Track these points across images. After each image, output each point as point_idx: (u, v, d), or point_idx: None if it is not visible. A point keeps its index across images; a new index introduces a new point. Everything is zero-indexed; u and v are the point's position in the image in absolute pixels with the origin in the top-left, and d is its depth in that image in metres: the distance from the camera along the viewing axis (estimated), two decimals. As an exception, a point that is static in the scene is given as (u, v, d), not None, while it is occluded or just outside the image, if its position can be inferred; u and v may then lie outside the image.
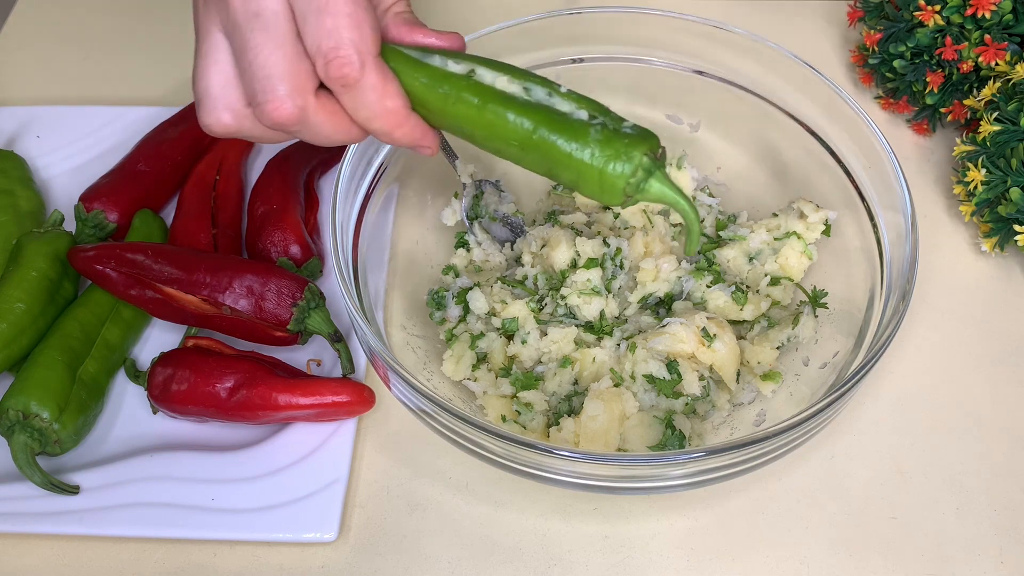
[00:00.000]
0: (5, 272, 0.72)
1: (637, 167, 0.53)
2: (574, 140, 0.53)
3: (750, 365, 0.70)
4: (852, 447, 0.70)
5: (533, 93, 0.54)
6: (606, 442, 0.65)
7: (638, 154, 0.53)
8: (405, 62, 0.54)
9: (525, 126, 0.53)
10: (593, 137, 0.52)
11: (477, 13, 0.97)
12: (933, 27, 0.80)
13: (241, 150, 0.85)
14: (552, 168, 0.54)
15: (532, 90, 0.54)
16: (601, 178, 0.53)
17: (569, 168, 0.53)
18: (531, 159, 0.55)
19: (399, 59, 0.54)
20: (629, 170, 0.53)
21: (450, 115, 0.54)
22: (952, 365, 0.74)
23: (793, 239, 0.73)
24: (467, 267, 0.76)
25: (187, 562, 0.65)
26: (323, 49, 0.50)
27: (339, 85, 0.51)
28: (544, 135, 0.53)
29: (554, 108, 0.53)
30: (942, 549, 0.65)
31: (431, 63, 0.54)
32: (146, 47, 0.98)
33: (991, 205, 0.76)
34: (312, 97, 0.52)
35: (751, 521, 0.67)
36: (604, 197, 0.54)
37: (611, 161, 0.52)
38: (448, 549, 0.66)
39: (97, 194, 0.79)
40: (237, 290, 0.69)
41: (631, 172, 0.53)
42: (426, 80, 0.54)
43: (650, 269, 0.72)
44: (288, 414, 0.67)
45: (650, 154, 0.53)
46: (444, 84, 0.54)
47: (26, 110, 0.89)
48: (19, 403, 0.65)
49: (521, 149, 0.54)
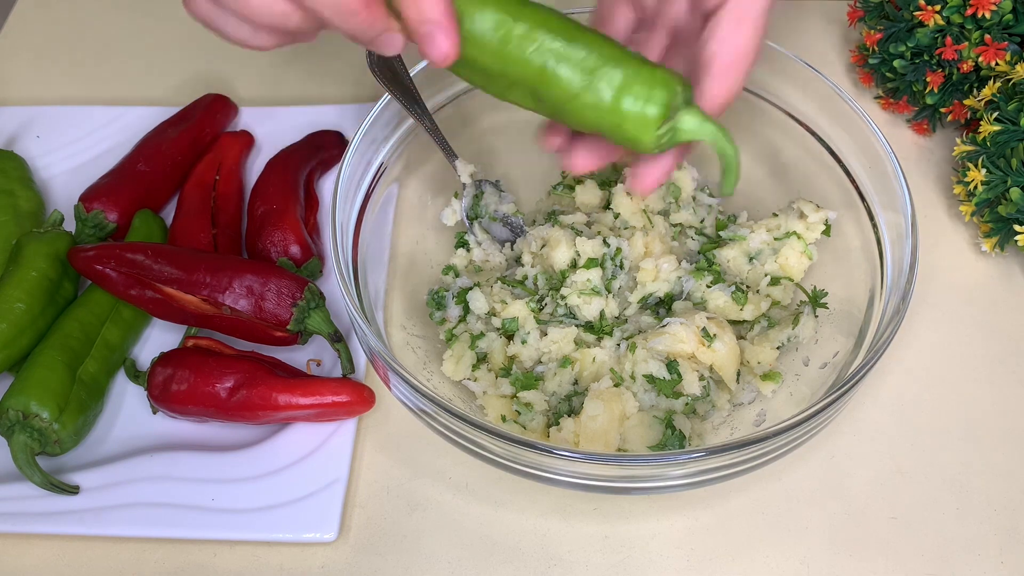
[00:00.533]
0: (5, 272, 0.72)
1: (670, 101, 0.52)
2: (602, 74, 0.51)
3: (750, 365, 0.70)
4: (852, 447, 0.70)
5: (555, 36, 0.52)
6: (606, 442, 0.65)
7: (674, 87, 0.52)
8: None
9: (548, 57, 0.51)
10: (623, 71, 0.51)
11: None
12: (933, 27, 0.80)
13: (241, 150, 0.85)
14: (574, 106, 0.52)
15: (552, 34, 0.52)
16: (629, 120, 0.52)
17: (594, 108, 0.52)
18: (548, 102, 0.53)
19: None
20: (663, 102, 0.52)
21: (471, 47, 0.51)
22: (952, 365, 0.74)
23: (793, 239, 0.73)
24: (467, 267, 0.76)
25: (187, 562, 0.65)
26: None
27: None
28: (565, 73, 0.52)
29: (576, 44, 0.52)
30: (942, 549, 0.65)
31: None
32: (146, 47, 0.98)
33: (991, 205, 0.76)
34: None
35: (751, 521, 0.67)
36: (634, 139, 0.53)
37: (641, 100, 0.51)
38: (448, 549, 0.66)
39: (97, 194, 0.79)
40: (237, 290, 0.69)
41: (665, 105, 0.52)
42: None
43: (650, 269, 0.72)
44: (288, 414, 0.67)
45: (682, 87, 0.52)
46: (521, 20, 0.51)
47: (26, 110, 0.90)
48: (19, 403, 0.65)
49: (538, 82, 0.52)
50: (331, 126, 0.87)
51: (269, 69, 0.95)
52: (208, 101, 0.87)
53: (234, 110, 0.88)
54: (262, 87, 0.94)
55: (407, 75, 0.74)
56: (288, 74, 0.95)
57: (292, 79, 0.95)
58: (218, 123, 0.86)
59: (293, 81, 0.95)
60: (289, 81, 0.95)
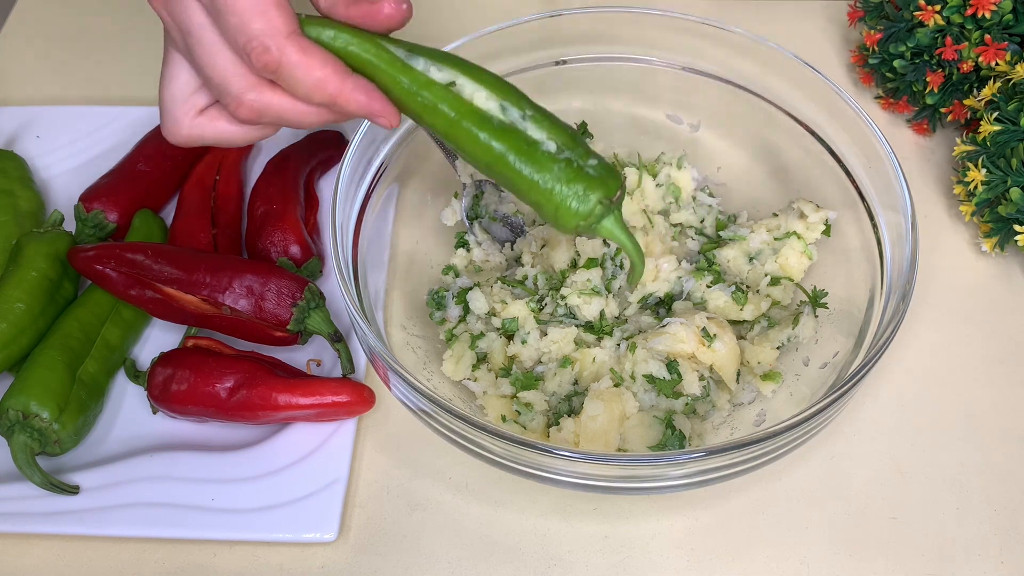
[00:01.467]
0: (5, 272, 0.72)
1: (592, 210, 0.55)
2: (538, 172, 0.55)
3: (750, 365, 0.70)
4: (852, 447, 0.70)
5: (509, 113, 0.56)
6: (606, 442, 0.65)
7: (595, 197, 0.55)
8: (390, 61, 0.55)
9: (495, 148, 0.55)
10: (556, 173, 0.55)
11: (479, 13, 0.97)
12: (933, 27, 0.80)
13: (241, 150, 0.85)
14: (514, 189, 0.57)
15: (508, 110, 0.56)
16: (557, 212, 0.56)
17: (530, 194, 0.56)
18: (496, 176, 0.57)
19: (383, 54, 0.55)
20: (585, 211, 0.55)
21: (426, 121, 0.56)
22: (952, 365, 0.74)
23: (793, 239, 0.73)
24: (467, 267, 0.76)
25: (187, 562, 0.65)
26: (240, 46, 0.51)
27: (268, 73, 0.52)
28: (511, 161, 0.55)
29: (526, 134, 0.55)
30: (942, 549, 0.65)
31: (415, 66, 0.55)
32: (146, 47, 0.98)
33: (991, 205, 0.76)
34: (266, 88, 0.53)
35: (751, 521, 0.67)
36: (558, 227, 0.57)
37: (569, 200, 0.55)
38: (448, 549, 0.66)
39: (97, 194, 0.79)
40: (237, 290, 0.69)
41: (586, 214, 0.55)
42: (407, 84, 0.55)
43: (650, 269, 0.72)
44: (288, 414, 0.67)
45: (605, 201, 0.56)
46: (424, 91, 0.55)
47: (26, 110, 0.89)
48: (19, 403, 0.65)
49: (488, 167, 0.56)
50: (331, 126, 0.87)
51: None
52: None
53: None
54: (262, 87, 0.94)
55: None
56: (288, 74, 0.95)
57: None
58: None
59: (293, 81, 0.94)
60: (289, 81, 0.94)
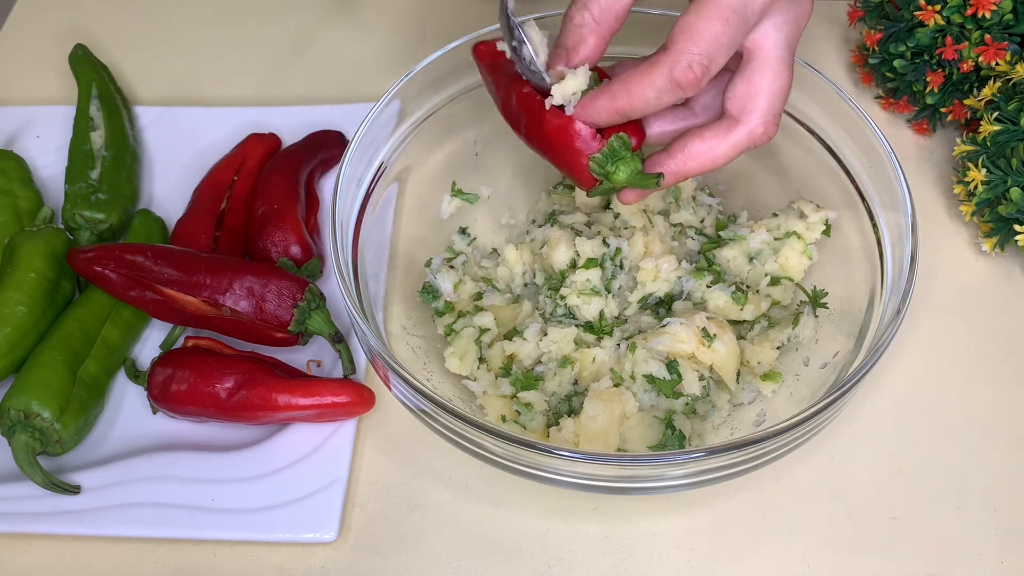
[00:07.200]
0: (2, 273, 0.72)
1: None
2: None
3: (750, 365, 0.70)
4: (852, 447, 0.70)
5: None
6: (606, 442, 0.65)
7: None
8: None
9: None
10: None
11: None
12: (933, 27, 0.80)
13: (266, 152, 0.84)
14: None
15: None
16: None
17: None
18: None
19: None
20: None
21: None
22: (952, 365, 0.74)
23: (793, 239, 0.73)
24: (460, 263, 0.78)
25: (187, 562, 0.66)
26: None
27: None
28: None
29: None
30: (942, 549, 0.65)
31: None
32: (146, 47, 0.98)
33: (991, 205, 0.76)
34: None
35: (751, 521, 0.67)
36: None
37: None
38: (448, 549, 0.66)
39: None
40: (237, 291, 0.69)
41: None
42: None
43: (650, 269, 0.72)
44: (288, 415, 0.67)
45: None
46: None
47: (26, 110, 0.90)
48: (20, 403, 0.65)
49: None
50: (331, 126, 0.87)
51: (269, 69, 0.96)
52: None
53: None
54: (262, 87, 0.94)
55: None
56: (288, 74, 0.95)
57: (292, 79, 0.95)
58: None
59: (293, 81, 0.95)
60: (289, 81, 0.95)
